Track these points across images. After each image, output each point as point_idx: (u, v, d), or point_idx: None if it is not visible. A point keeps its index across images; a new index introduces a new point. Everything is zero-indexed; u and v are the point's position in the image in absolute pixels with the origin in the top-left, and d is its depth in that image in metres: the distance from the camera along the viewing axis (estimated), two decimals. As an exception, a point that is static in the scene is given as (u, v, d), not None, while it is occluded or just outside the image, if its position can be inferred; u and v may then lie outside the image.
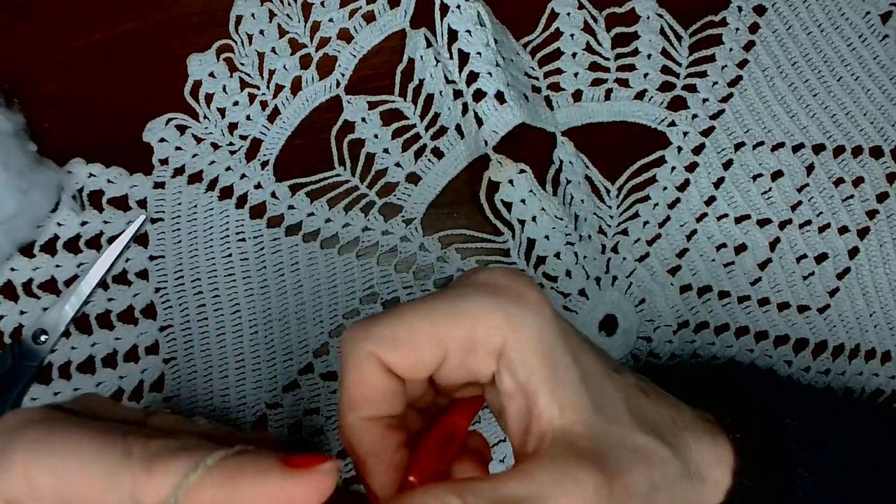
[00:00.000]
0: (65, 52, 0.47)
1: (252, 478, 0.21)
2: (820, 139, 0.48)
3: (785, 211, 0.47)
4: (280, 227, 0.46)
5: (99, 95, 0.47)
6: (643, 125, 0.48)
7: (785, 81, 0.48)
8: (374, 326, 0.25)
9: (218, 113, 0.47)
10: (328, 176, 0.47)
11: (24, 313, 0.44)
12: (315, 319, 0.45)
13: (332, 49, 0.48)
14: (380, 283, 0.46)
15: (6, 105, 0.45)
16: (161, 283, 0.45)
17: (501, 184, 0.46)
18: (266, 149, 0.47)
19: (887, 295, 0.46)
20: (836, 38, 0.49)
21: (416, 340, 0.24)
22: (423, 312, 0.25)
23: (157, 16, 0.48)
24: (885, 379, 0.46)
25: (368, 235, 0.46)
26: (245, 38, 0.47)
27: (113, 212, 0.46)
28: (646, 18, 0.49)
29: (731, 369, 0.38)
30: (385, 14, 0.48)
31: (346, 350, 0.25)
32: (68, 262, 0.45)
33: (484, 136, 0.45)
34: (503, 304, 0.25)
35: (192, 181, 0.46)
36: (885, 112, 0.48)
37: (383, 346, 0.24)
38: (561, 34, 0.48)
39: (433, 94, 0.47)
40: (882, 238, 0.47)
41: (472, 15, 0.46)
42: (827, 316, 0.46)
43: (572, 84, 0.48)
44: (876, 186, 0.47)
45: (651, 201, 0.47)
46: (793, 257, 0.47)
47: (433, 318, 0.25)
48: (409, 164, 0.47)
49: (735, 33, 0.49)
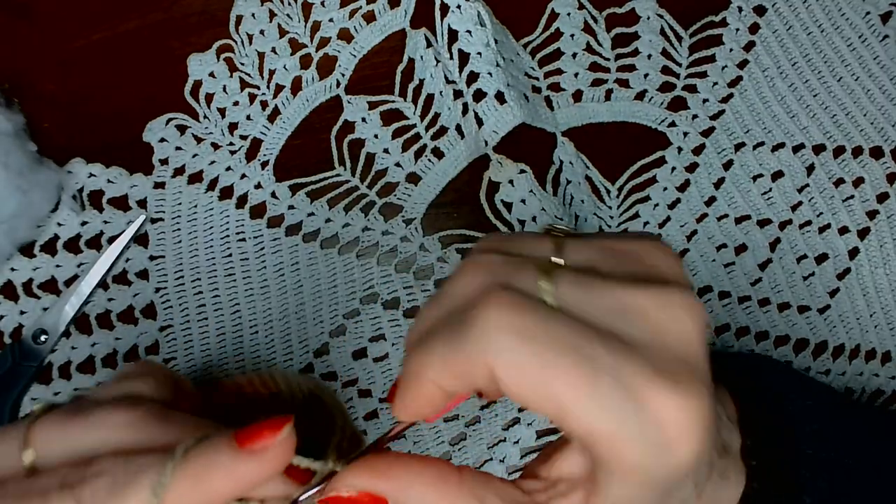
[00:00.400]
0: (65, 52, 0.47)
1: (208, 471, 0.22)
2: (820, 139, 0.48)
3: (785, 211, 0.47)
4: (280, 227, 0.46)
5: (99, 95, 0.47)
6: (643, 125, 0.48)
7: (785, 82, 0.48)
8: (438, 359, 0.23)
9: (218, 113, 0.47)
10: (328, 176, 0.47)
11: (24, 313, 0.44)
12: (315, 319, 0.45)
13: (332, 49, 0.48)
14: (380, 283, 0.46)
15: (6, 105, 0.45)
16: (161, 284, 0.45)
17: (502, 184, 0.46)
18: (266, 149, 0.47)
19: (887, 295, 0.46)
20: (836, 39, 0.49)
21: (475, 376, 0.22)
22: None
23: (157, 16, 0.48)
24: (886, 379, 0.46)
25: (368, 235, 0.46)
26: (245, 37, 0.47)
27: (113, 212, 0.46)
28: (646, 19, 0.49)
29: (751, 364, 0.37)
30: (385, 14, 0.48)
31: (408, 372, 0.24)
32: (68, 262, 0.45)
33: (484, 137, 0.45)
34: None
35: (193, 181, 0.46)
36: (886, 112, 0.48)
37: (447, 381, 0.23)
38: (561, 34, 0.48)
39: (433, 94, 0.47)
40: (882, 238, 0.47)
41: (473, 15, 0.46)
42: (827, 316, 0.46)
43: (572, 84, 0.48)
44: (876, 187, 0.47)
45: (651, 202, 0.47)
46: (793, 258, 0.47)
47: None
48: (410, 164, 0.47)
49: (735, 33, 0.49)
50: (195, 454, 0.22)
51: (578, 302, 0.22)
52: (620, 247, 0.24)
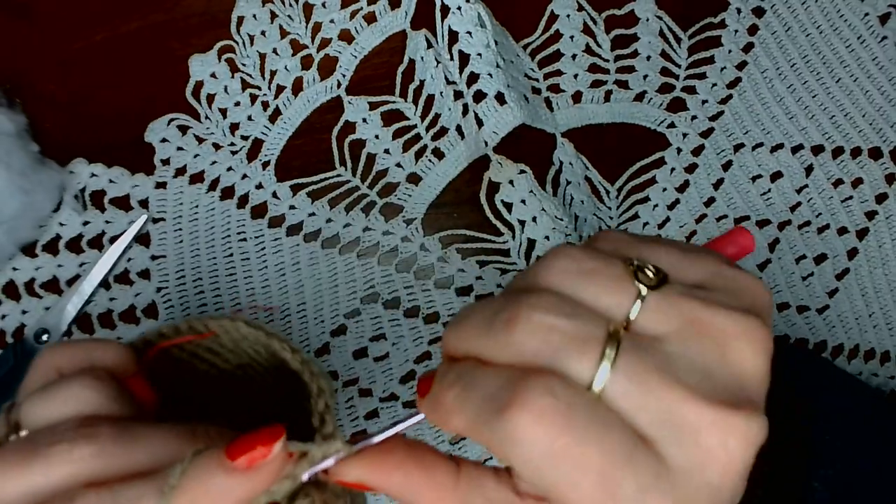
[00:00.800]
0: (65, 53, 0.48)
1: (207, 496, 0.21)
2: (819, 140, 0.48)
3: (784, 212, 0.47)
4: (281, 227, 0.46)
5: (100, 96, 0.47)
6: (643, 126, 0.48)
7: (784, 83, 0.49)
8: (465, 420, 0.22)
9: (219, 113, 0.47)
10: (329, 176, 0.47)
11: (26, 313, 0.44)
12: (316, 319, 0.45)
13: (333, 50, 0.48)
14: (381, 283, 0.46)
15: (8, 105, 0.45)
16: (163, 283, 0.45)
17: (502, 184, 0.46)
18: (267, 149, 0.47)
19: (886, 295, 0.46)
20: (834, 40, 0.49)
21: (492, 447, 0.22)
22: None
23: (158, 17, 0.48)
24: (885, 379, 0.46)
25: (369, 235, 0.46)
26: (247, 38, 0.48)
27: (115, 212, 0.46)
28: (645, 20, 0.49)
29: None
30: (386, 15, 0.48)
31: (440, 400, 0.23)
32: (70, 261, 0.45)
33: (484, 137, 0.45)
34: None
35: (194, 181, 0.46)
36: (884, 113, 0.48)
37: (468, 430, 0.23)
38: (561, 36, 0.49)
39: (434, 94, 0.47)
40: (881, 239, 0.47)
41: (473, 16, 0.46)
42: (826, 316, 0.46)
43: (572, 85, 0.48)
44: (875, 187, 0.47)
45: (651, 202, 0.47)
46: (792, 258, 0.47)
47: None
48: (410, 164, 0.47)
49: (734, 35, 0.49)
50: (190, 482, 0.22)
51: (630, 397, 0.20)
52: (707, 321, 0.21)
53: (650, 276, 0.22)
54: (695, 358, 0.20)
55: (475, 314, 0.23)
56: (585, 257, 0.22)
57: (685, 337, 0.21)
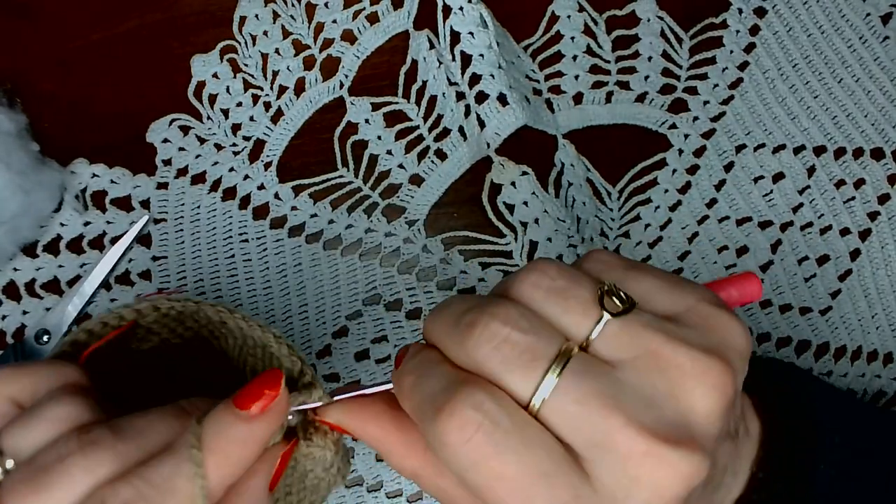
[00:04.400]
0: (65, 52, 0.48)
1: (230, 445, 0.23)
2: (821, 141, 0.48)
3: (786, 213, 0.47)
4: (283, 228, 0.46)
5: (99, 95, 0.47)
6: (644, 128, 0.48)
7: (786, 83, 0.49)
8: (411, 409, 0.24)
9: (221, 114, 0.47)
10: (331, 177, 0.47)
11: (26, 313, 0.44)
12: (318, 321, 0.45)
13: (335, 50, 0.48)
14: (382, 284, 0.46)
15: (8, 105, 0.45)
16: (164, 284, 0.45)
17: (504, 186, 0.46)
18: (269, 150, 0.47)
19: (889, 296, 0.46)
20: (836, 40, 0.49)
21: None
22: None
23: (157, 16, 0.48)
24: (888, 381, 0.46)
25: (371, 237, 0.46)
26: (249, 39, 0.47)
27: (116, 212, 0.46)
28: (646, 21, 0.49)
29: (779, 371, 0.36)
30: (388, 15, 0.48)
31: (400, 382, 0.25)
32: (71, 262, 0.45)
33: (486, 138, 0.45)
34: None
35: (196, 182, 0.46)
36: (886, 114, 0.48)
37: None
38: (561, 37, 0.49)
39: (436, 95, 0.47)
40: (884, 240, 0.47)
41: (475, 17, 0.46)
42: (829, 318, 0.46)
43: (573, 87, 0.48)
44: (877, 188, 0.47)
45: (653, 204, 0.47)
46: (794, 259, 0.47)
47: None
48: (412, 165, 0.47)
49: (736, 35, 0.49)
50: (214, 439, 0.23)
51: (568, 416, 0.21)
52: (664, 355, 0.21)
53: (616, 303, 0.22)
54: (644, 389, 0.21)
55: (450, 309, 0.24)
56: (558, 275, 0.23)
57: (639, 367, 0.21)
